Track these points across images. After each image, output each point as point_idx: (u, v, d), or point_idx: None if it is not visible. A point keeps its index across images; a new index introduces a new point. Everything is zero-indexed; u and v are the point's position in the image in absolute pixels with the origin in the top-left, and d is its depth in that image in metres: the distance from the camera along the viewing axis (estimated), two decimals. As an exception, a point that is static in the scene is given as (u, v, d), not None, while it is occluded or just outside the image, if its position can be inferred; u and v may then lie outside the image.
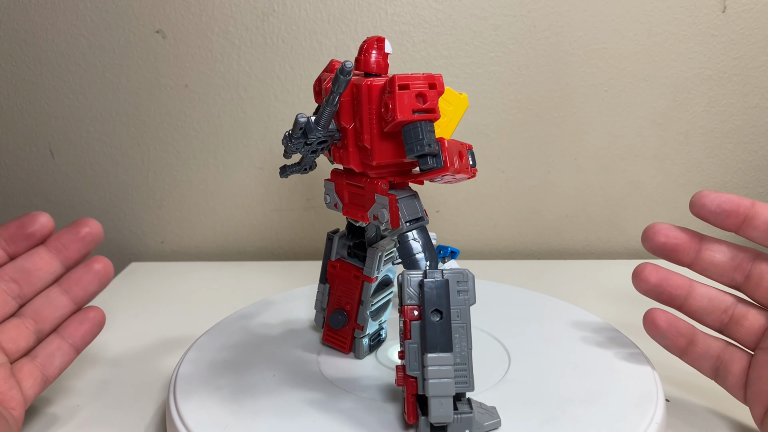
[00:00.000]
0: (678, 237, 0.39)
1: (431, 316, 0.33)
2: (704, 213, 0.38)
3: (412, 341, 0.33)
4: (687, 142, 0.72)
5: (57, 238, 0.41)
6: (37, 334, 0.40)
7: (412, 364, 0.33)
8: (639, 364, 0.42)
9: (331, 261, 0.44)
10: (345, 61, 0.32)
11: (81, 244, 0.41)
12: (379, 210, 0.36)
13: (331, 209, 0.40)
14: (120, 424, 0.41)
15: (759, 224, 0.37)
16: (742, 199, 0.37)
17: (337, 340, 0.45)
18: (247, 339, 0.47)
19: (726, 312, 0.39)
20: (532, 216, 0.74)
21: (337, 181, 0.40)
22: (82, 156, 0.74)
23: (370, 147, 0.35)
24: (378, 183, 0.36)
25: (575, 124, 0.71)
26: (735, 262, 0.38)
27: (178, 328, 0.56)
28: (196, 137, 0.72)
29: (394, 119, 0.33)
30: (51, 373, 0.39)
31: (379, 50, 0.36)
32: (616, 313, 0.57)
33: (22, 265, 0.40)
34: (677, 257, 0.39)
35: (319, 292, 0.45)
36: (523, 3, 0.68)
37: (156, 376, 0.47)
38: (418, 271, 0.34)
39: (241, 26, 0.69)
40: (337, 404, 0.38)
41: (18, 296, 0.40)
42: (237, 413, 0.37)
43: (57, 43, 0.70)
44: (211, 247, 0.76)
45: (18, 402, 0.37)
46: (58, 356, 0.40)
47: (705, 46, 0.69)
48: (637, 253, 0.75)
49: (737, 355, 0.38)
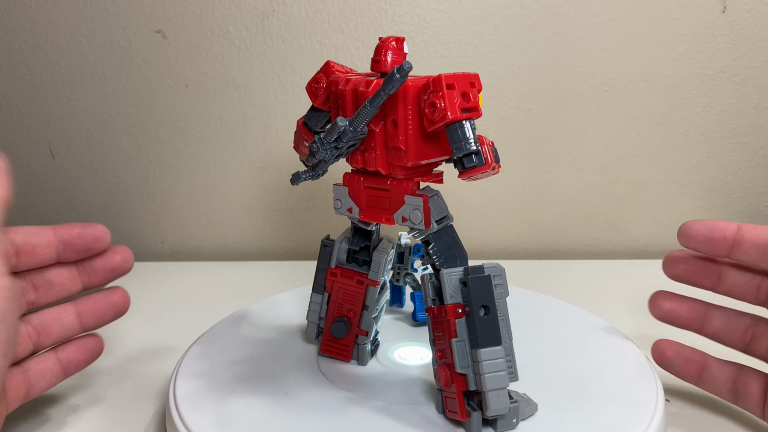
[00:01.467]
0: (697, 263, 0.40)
1: (479, 311, 0.33)
2: (693, 244, 0.38)
3: (458, 339, 0.34)
4: (687, 142, 0.72)
5: (90, 262, 0.40)
6: (35, 347, 0.39)
7: (461, 362, 0.34)
8: (639, 364, 0.42)
9: (331, 268, 0.43)
10: (404, 62, 0.32)
11: (110, 274, 0.41)
12: (411, 211, 0.36)
13: (343, 215, 0.39)
14: (120, 424, 0.41)
15: (748, 248, 0.37)
16: (728, 225, 0.37)
17: (337, 349, 0.43)
18: (247, 339, 0.47)
19: (746, 332, 0.39)
20: (532, 216, 0.74)
21: (352, 185, 0.38)
22: (82, 156, 0.74)
23: (404, 148, 0.34)
24: (409, 184, 0.36)
25: (575, 124, 0.71)
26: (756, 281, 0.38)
27: (178, 328, 0.56)
28: (196, 137, 0.72)
29: (444, 118, 0.33)
30: (34, 392, 0.38)
31: (400, 51, 0.36)
32: (616, 313, 0.57)
33: (48, 276, 0.39)
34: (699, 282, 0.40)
35: (313, 302, 0.44)
36: (523, 3, 0.68)
37: (156, 376, 0.47)
38: (456, 269, 0.34)
39: (241, 26, 0.69)
40: (345, 407, 0.38)
41: (32, 302, 0.39)
42: (237, 413, 0.37)
43: (57, 43, 0.70)
44: (211, 247, 0.76)
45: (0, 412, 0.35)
46: (47, 377, 0.39)
47: (705, 46, 0.69)
48: (637, 253, 0.75)
49: (753, 375, 0.38)
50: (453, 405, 0.35)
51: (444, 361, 0.35)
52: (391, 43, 0.36)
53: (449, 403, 0.35)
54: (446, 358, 0.35)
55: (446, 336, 0.34)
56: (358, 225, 0.41)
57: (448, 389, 0.35)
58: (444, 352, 0.35)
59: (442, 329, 0.35)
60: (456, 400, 0.34)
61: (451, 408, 0.35)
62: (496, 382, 0.33)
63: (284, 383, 0.41)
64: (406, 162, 0.35)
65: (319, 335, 0.44)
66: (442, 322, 0.35)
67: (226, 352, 0.44)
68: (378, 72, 0.36)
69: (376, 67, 0.36)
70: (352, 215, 0.39)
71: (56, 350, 0.40)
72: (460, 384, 0.34)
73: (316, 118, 0.40)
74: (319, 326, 0.44)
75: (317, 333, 0.44)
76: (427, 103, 0.33)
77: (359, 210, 0.38)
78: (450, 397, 0.35)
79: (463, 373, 0.34)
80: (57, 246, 0.38)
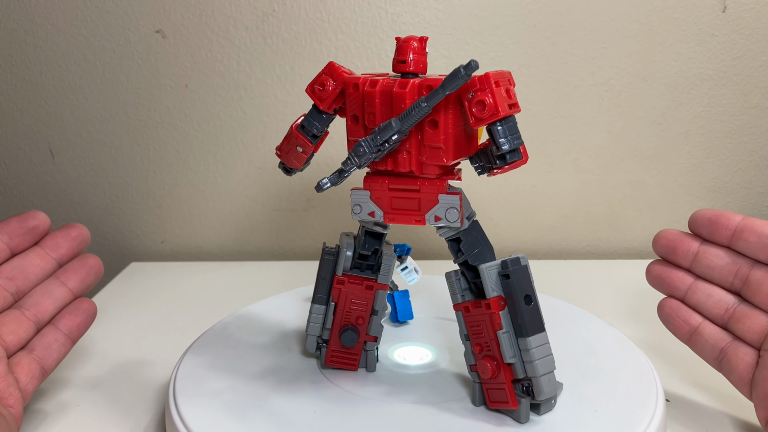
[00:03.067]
0: (676, 239, 0.41)
1: (523, 301, 0.35)
2: (697, 227, 0.40)
3: (504, 330, 0.35)
4: (687, 142, 0.72)
5: (50, 238, 0.42)
6: (36, 325, 0.40)
7: (509, 352, 0.35)
8: (639, 364, 0.42)
9: (338, 277, 0.41)
10: (471, 60, 0.32)
11: (73, 243, 0.43)
12: (447, 210, 0.36)
13: (363, 220, 0.38)
14: (119, 424, 0.41)
15: (748, 236, 0.38)
16: (734, 215, 0.39)
17: (345, 360, 0.42)
18: (247, 339, 0.47)
19: (727, 310, 0.40)
20: (532, 216, 0.74)
21: (375, 188, 0.37)
22: (82, 156, 0.74)
23: (444, 147, 0.35)
24: (442, 183, 0.36)
25: (575, 124, 0.71)
26: (735, 267, 0.39)
27: (177, 328, 0.56)
28: (196, 137, 0.72)
29: (495, 115, 0.33)
30: (49, 365, 0.40)
31: (423, 50, 0.36)
32: (616, 313, 0.57)
33: (18, 263, 0.41)
34: (675, 259, 0.41)
35: (315, 314, 0.42)
36: (523, 3, 0.68)
37: (156, 376, 0.47)
38: (493, 263, 0.35)
39: (241, 26, 0.69)
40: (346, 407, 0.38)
41: (15, 293, 0.40)
42: (237, 413, 0.37)
43: (57, 43, 0.70)
44: (211, 247, 0.76)
45: (16, 399, 0.37)
46: (55, 347, 0.40)
47: (705, 46, 0.69)
48: (637, 253, 0.75)
49: (742, 351, 0.39)
50: (500, 395, 0.36)
51: (485, 353, 0.36)
52: (413, 44, 0.36)
53: (494, 395, 0.36)
54: (488, 351, 0.36)
55: (489, 329, 0.35)
56: (372, 229, 0.40)
57: (494, 380, 0.36)
58: (484, 346, 0.36)
59: (483, 323, 0.36)
60: (504, 390, 0.35)
61: (496, 399, 0.36)
62: (546, 367, 0.35)
63: (284, 383, 0.41)
64: (446, 161, 0.35)
65: (318, 348, 0.43)
66: (481, 316, 0.36)
67: (226, 351, 0.44)
68: (402, 72, 0.36)
69: (401, 67, 0.36)
70: (375, 219, 0.38)
71: (53, 322, 0.41)
72: (508, 374, 0.35)
73: (318, 122, 0.38)
74: (320, 339, 0.42)
75: (316, 346, 0.42)
76: (473, 102, 0.33)
77: (383, 213, 0.37)
78: (496, 388, 0.36)
79: (511, 363, 0.35)
80: (3, 239, 0.41)
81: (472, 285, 0.37)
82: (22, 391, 0.38)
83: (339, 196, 0.73)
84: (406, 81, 0.34)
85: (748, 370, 0.38)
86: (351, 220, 0.77)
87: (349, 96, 0.36)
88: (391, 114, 0.35)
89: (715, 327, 0.40)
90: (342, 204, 0.73)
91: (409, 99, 0.34)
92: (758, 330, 0.38)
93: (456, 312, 0.38)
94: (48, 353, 0.40)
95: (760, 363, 0.37)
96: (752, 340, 0.38)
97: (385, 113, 0.35)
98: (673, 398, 0.43)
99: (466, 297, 0.37)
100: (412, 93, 0.34)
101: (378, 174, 0.37)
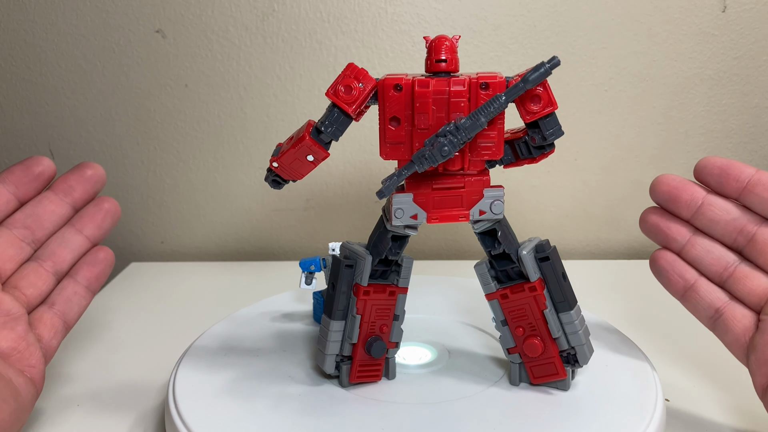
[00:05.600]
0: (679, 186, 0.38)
1: (562, 279, 0.38)
2: (705, 175, 0.38)
3: (548, 309, 0.38)
4: (687, 142, 0.72)
5: (63, 180, 0.41)
6: (56, 276, 0.39)
7: (555, 328, 0.38)
8: (639, 364, 0.42)
9: (363, 287, 0.39)
10: (554, 56, 0.35)
11: (88, 185, 0.41)
12: (492, 203, 0.38)
13: (405, 224, 0.37)
14: (119, 423, 0.41)
15: (761, 191, 0.36)
16: (747, 167, 0.37)
17: (370, 372, 0.40)
18: (247, 339, 0.47)
19: (727, 269, 0.38)
20: (532, 216, 0.74)
21: (418, 190, 0.37)
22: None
23: (496, 142, 0.36)
24: (487, 178, 0.37)
25: (575, 124, 0.71)
26: (740, 223, 0.37)
27: (177, 328, 0.56)
28: (196, 137, 0.72)
29: (552, 108, 0.36)
30: (71, 319, 0.39)
31: (456, 49, 0.36)
32: (616, 313, 0.57)
33: (32, 211, 0.39)
34: (677, 208, 0.39)
35: (334, 332, 0.39)
36: (523, 3, 0.68)
37: (155, 376, 0.47)
38: (526, 248, 0.38)
39: (241, 26, 0.69)
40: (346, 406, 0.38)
41: (32, 242, 0.39)
42: (237, 413, 0.37)
43: (57, 43, 0.70)
44: (211, 247, 0.76)
45: (38, 359, 0.36)
46: (75, 300, 0.39)
47: (705, 46, 0.69)
48: (637, 253, 0.75)
49: (740, 313, 0.37)
50: (548, 369, 0.39)
51: (530, 333, 0.38)
52: (446, 43, 0.36)
53: (539, 370, 0.39)
54: (532, 331, 0.38)
55: (535, 309, 0.38)
56: (402, 233, 0.38)
57: (542, 357, 0.38)
58: (527, 327, 0.38)
59: (526, 306, 0.38)
60: (554, 362, 0.38)
61: (541, 374, 0.39)
62: (587, 334, 0.39)
63: (284, 383, 0.41)
64: (497, 155, 0.37)
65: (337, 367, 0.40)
66: (524, 300, 0.38)
67: (226, 351, 0.44)
68: (436, 72, 0.36)
69: (440, 66, 0.36)
70: (418, 221, 0.37)
71: (70, 274, 0.40)
72: (555, 348, 0.38)
73: (341, 127, 0.36)
74: (339, 356, 0.40)
75: (335, 365, 0.40)
76: (529, 96, 0.36)
77: (426, 214, 0.37)
78: (543, 364, 0.39)
79: (557, 337, 0.38)
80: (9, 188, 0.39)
81: (499, 273, 0.39)
82: (45, 348, 0.37)
83: (339, 197, 0.73)
84: (460, 80, 0.35)
85: (745, 332, 0.36)
86: (350, 221, 0.77)
87: (390, 98, 0.36)
88: (446, 113, 0.35)
89: (711, 285, 0.38)
90: (342, 204, 0.73)
91: (472, 97, 0.35)
92: (760, 292, 0.36)
93: (490, 301, 0.39)
94: (69, 306, 0.39)
95: (761, 327, 0.36)
96: (752, 302, 0.36)
97: (438, 113, 0.35)
98: (673, 398, 0.43)
99: (499, 285, 0.39)
100: (474, 91, 0.35)
101: (418, 175, 0.37)
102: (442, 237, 0.75)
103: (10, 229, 0.39)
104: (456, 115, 0.35)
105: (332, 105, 0.36)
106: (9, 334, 0.36)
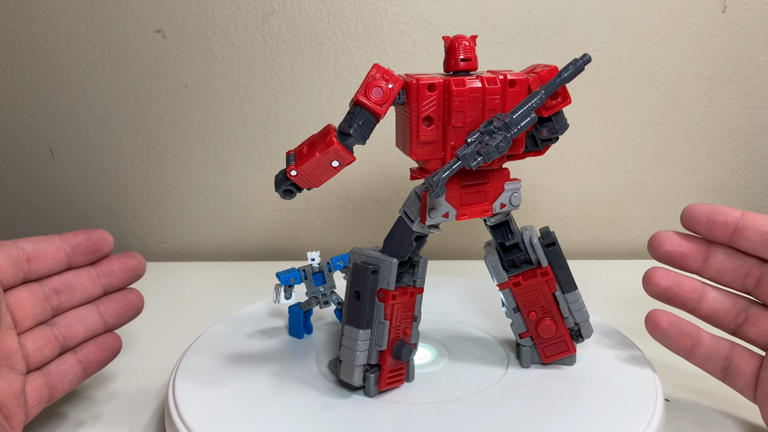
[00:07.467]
0: (684, 245, 0.39)
1: (565, 264, 0.41)
2: (694, 225, 0.38)
3: (558, 291, 0.41)
4: (687, 142, 0.72)
5: (106, 262, 0.41)
6: (61, 349, 0.39)
7: (565, 308, 0.41)
8: (639, 364, 0.42)
9: (391, 292, 0.38)
10: (585, 53, 0.36)
11: (126, 275, 0.42)
12: (512, 195, 0.40)
13: (438, 222, 0.38)
14: (119, 423, 0.41)
15: (750, 234, 0.37)
16: (732, 210, 0.37)
17: (397, 377, 0.40)
18: (246, 339, 0.47)
19: (740, 314, 0.38)
20: (532, 216, 0.74)
21: (449, 189, 0.37)
22: (82, 156, 0.74)
23: (520, 137, 0.38)
24: (507, 172, 0.40)
25: (575, 124, 0.71)
26: (745, 268, 0.38)
27: (177, 328, 0.56)
28: (196, 137, 0.72)
29: (567, 103, 0.38)
30: (57, 394, 0.39)
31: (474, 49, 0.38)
32: (616, 313, 0.57)
33: (69, 279, 0.40)
34: (685, 265, 0.39)
35: (361, 342, 0.38)
36: (523, 3, 0.68)
37: (155, 375, 0.47)
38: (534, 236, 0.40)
39: (241, 26, 0.69)
40: (346, 406, 0.38)
41: (56, 308, 0.39)
42: (237, 413, 0.37)
43: (57, 43, 0.70)
44: (211, 247, 0.76)
45: (20, 421, 0.36)
46: (69, 377, 0.39)
47: (705, 46, 0.69)
48: (637, 253, 0.75)
49: (747, 355, 0.38)
50: (559, 347, 0.41)
51: (542, 316, 0.41)
52: (465, 43, 0.38)
53: (550, 349, 0.42)
54: (545, 313, 0.41)
55: (547, 293, 0.41)
56: (427, 233, 0.39)
57: (555, 336, 0.41)
58: (540, 311, 0.41)
59: (538, 290, 0.41)
60: (565, 340, 0.41)
61: (553, 352, 0.42)
62: (587, 311, 0.42)
63: (284, 383, 0.41)
64: (520, 149, 0.39)
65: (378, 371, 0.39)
66: (537, 285, 0.41)
67: (226, 351, 0.44)
68: (456, 71, 0.38)
69: (464, 65, 0.38)
70: (448, 219, 0.38)
71: (75, 351, 0.40)
72: (565, 327, 0.41)
73: (370, 129, 0.36)
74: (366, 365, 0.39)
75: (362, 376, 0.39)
76: None
77: (456, 212, 0.38)
78: (555, 343, 0.41)
79: (566, 317, 0.41)
80: (66, 250, 0.39)
81: (506, 262, 0.41)
82: (27, 412, 0.37)
83: (339, 197, 0.73)
84: (492, 78, 0.37)
85: (755, 374, 0.37)
86: (349, 221, 0.77)
87: (423, 98, 0.36)
88: (482, 110, 0.37)
89: (713, 335, 0.39)
90: (342, 204, 0.73)
91: (507, 94, 0.37)
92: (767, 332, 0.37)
93: (502, 290, 0.41)
94: (61, 381, 0.39)
95: (764, 363, 0.37)
96: (762, 342, 0.37)
97: (474, 110, 0.37)
98: (673, 398, 0.43)
99: (510, 273, 0.41)
100: (504, 88, 0.37)
101: None
102: (442, 237, 0.75)
103: (43, 288, 0.39)
104: (491, 113, 0.37)
105: (357, 107, 0.36)
106: (7, 388, 0.35)
